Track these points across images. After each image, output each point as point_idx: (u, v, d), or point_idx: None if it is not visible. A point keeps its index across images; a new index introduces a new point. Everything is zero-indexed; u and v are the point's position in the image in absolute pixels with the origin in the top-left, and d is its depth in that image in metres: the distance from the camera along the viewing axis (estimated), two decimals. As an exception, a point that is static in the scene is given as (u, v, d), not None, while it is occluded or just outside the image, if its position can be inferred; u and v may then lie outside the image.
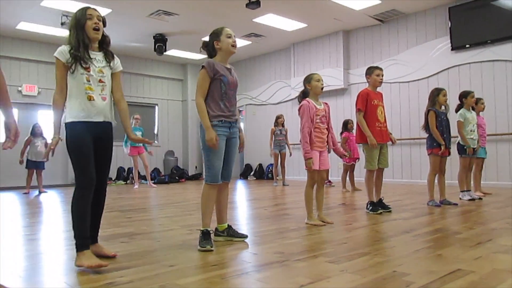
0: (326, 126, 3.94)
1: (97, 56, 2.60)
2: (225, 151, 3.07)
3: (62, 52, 2.48)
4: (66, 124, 2.51)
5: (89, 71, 2.51)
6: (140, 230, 3.70)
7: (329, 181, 8.68)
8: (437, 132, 5.04)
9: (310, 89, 3.91)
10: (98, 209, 2.66)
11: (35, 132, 8.29)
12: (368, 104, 4.59)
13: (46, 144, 8.33)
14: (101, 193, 2.64)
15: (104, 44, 2.66)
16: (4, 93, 2.00)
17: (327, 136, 3.95)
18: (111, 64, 2.67)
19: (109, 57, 2.66)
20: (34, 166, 8.27)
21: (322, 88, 3.92)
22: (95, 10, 2.59)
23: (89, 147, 2.49)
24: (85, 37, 2.52)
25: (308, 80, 3.93)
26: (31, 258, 2.81)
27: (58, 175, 10.43)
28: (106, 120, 2.59)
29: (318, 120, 3.84)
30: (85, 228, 2.43)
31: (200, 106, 2.99)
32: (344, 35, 10.13)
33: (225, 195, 3.24)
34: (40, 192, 8.15)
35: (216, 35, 3.12)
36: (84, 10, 2.55)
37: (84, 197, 2.44)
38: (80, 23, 2.52)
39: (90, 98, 2.50)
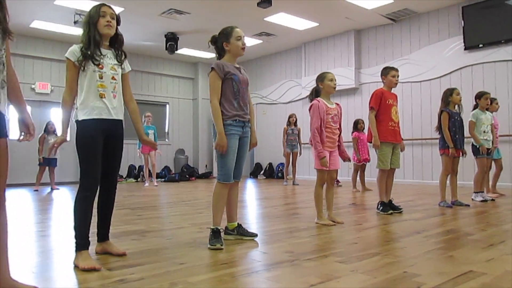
0: (338, 126, 3.92)
1: (108, 54, 2.59)
2: (237, 150, 3.07)
3: (73, 52, 2.48)
4: (76, 121, 2.51)
5: (102, 68, 2.51)
6: (151, 227, 3.72)
7: (337, 181, 8.65)
8: (448, 133, 4.99)
9: (323, 88, 3.89)
10: (109, 207, 2.68)
11: (48, 130, 8.39)
12: (382, 103, 4.56)
13: None
14: (111, 191, 2.66)
15: (116, 43, 2.65)
16: (18, 91, 2.03)
17: (338, 136, 3.93)
18: (123, 65, 2.67)
19: (120, 56, 2.65)
20: (47, 163, 8.36)
21: (334, 88, 3.89)
22: (110, 7, 2.58)
23: (98, 148, 2.48)
24: (96, 34, 2.51)
25: (321, 78, 3.91)
26: (43, 254, 2.84)
27: (70, 172, 10.54)
28: (117, 117, 2.59)
29: (329, 120, 3.81)
30: (86, 229, 2.43)
31: (216, 109, 2.96)
32: (355, 34, 10.08)
33: (235, 193, 3.25)
34: (52, 189, 8.25)
35: (225, 36, 3.07)
36: (98, 7, 2.54)
37: (87, 198, 2.44)
38: (92, 20, 2.52)
39: (102, 96, 2.50)
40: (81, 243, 2.41)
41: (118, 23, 2.61)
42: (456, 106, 5.20)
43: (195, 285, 2.04)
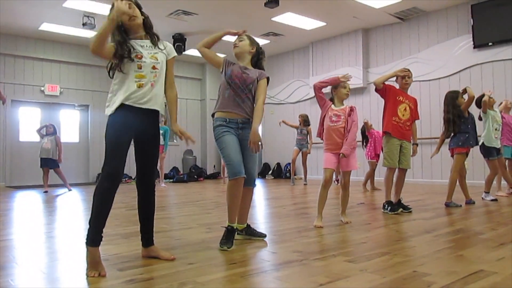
0: (338, 127, 3.78)
1: (146, 44, 2.51)
2: (243, 156, 3.03)
3: (111, 47, 2.40)
4: (109, 116, 2.41)
5: (140, 58, 2.43)
6: (160, 228, 3.73)
7: (338, 180, 8.64)
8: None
9: (335, 94, 3.91)
10: (149, 209, 2.59)
11: (47, 132, 8.13)
12: (391, 95, 4.55)
13: (57, 141, 8.14)
14: (150, 193, 2.57)
15: (146, 28, 2.56)
16: None
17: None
18: (164, 51, 2.57)
19: (155, 41, 2.55)
20: (44, 164, 8.06)
21: (347, 94, 3.88)
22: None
23: (125, 140, 2.38)
24: (116, 34, 2.43)
25: (335, 86, 3.92)
26: (53, 254, 2.87)
27: (80, 173, 10.63)
28: (154, 107, 2.48)
29: (328, 119, 3.82)
30: (100, 224, 2.32)
31: (202, 46, 3.27)
32: (363, 33, 10.04)
33: (249, 200, 3.20)
34: (69, 189, 8.13)
35: None
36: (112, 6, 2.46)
37: (106, 190, 2.31)
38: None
39: (140, 86, 2.41)
40: (91, 238, 2.29)
41: (139, 8, 2.54)
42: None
43: (204, 285, 2.05)
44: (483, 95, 5.60)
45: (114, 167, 2.33)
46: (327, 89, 3.96)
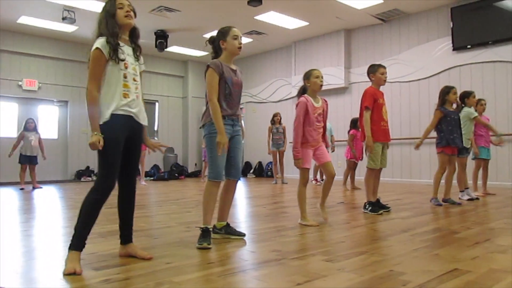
0: (322, 125, 3.89)
1: (128, 51, 2.49)
2: (230, 149, 3.08)
3: (103, 44, 2.33)
4: (102, 124, 2.34)
5: (126, 68, 2.42)
6: (138, 227, 3.67)
7: (316, 179, 8.71)
8: (428, 131, 5.11)
9: (309, 85, 3.88)
10: (130, 207, 2.60)
11: (28, 127, 8.18)
12: (375, 103, 4.52)
13: (39, 139, 8.26)
14: (132, 191, 2.59)
15: (134, 37, 2.55)
16: None
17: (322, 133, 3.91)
18: (140, 61, 2.58)
19: (137, 52, 2.55)
20: (28, 161, 8.16)
21: (321, 85, 3.87)
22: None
23: (120, 150, 2.38)
24: (115, 26, 2.40)
25: (307, 76, 3.89)
26: (28, 254, 2.81)
27: (58, 170, 10.44)
28: (142, 122, 2.52)
29: (314, 119, 3.80)
30: (86, 232, 2.34)
31: (215, 107, 2.95)
32: (345, 34, 10.11)
33: (232, 193, 3.24)
34: (34, 188, 8.09)
35: (223, 34, 3.10)
36: (113, 1, 2.44)
37: (98, 202, 2.34)
38: (109, 13, 2.41)
39: (125, 96, 2.41)
40: (77, 244, 2.29)
41: (135, 15, 2.51)
42: (454, 104, 5.23)
43: (181, 285, 2.03)
44: (467, 92, 5.72)
45: (111, 183, 2.37)
46: (301, 83, 3.92)
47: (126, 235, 2.59)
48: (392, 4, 8.43)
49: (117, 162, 2.38)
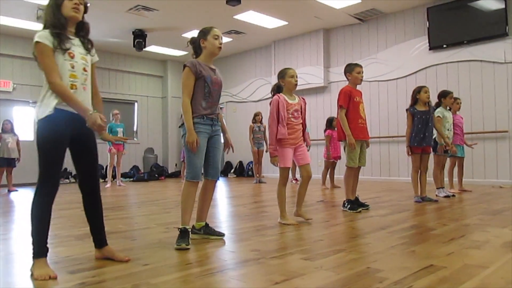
0: (300, 122, 3.87)
1: (76, 42, 2.38)
2: (209, 149, 3.08)
3: (45, 36, 2.25)
4: (39, 120, 2.26)
5: (73, 57, 2.32)
6: (116, 228, 3.64)
7: (296, 179, 8.75)
8: (408, 133, 5.14)
9: (284, 84, 3.88)
10: (96, 210, 2.49)
11: (4, 129, 8.04)
12: (351, 101, 4.57)
13: (17, 141, 8.13)
14: (96, 192, 2.47)
15: (82, 31, 2.44)
16: None
17: (303, 132, 3.91)
18: (91, 53, 2.48)
19: (87, 44, 2.45)
20: (6, 163, 8.01)
21: (295, 85, 3.87)
22: None
23: (63, 149, 2.27)
24: (61, 17, 2.31)
25: (282, 75, 3.90)
26: (3, 258, 2.74)
27: (35, 172, 10.18)
28: None
29: (289, 115, 3.79)
30: (44, 235, 2.25)
31: (186, 106, 2.96)
32: (324, 33, 10.18)
33: (210, 193, 3.22)
34: (9, 191, 7.91)
35: (204, 33, 3.11)
36: None
37: (45, 204, 2.25)
38: (57, 3, 2.32)
39: (72, 87, 2.29)
40: (39, 251, 2.22)
41: (85, 10, 2.42)
42: (427, 104, 5.30)
43: (158, 286, 2.01)
44: (445, 91, 5.83)
45: (55, 182, 2.26)
46: (271, 78, 3.93)
47: (99, 239, 2.52)
48: (369, 4, 8.52)
49: (58, 160, 2.26)
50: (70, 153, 2.41)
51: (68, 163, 2.36)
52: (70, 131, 2.30)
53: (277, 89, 3.93)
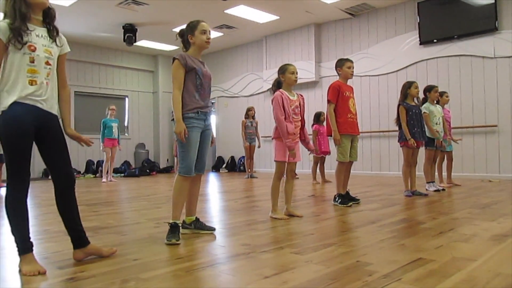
0: (300, 118, 3.88)
1: (41, 32, 2.23)
2: (200, 144, 3.06)
3: (2, 29, 2.11)
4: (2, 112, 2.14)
5: (34, 51, 2.17)
6: (106, 224, 3.63)
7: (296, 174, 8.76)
8: (406, 127, 5.13)
9: (284, 80, 3.88)
10: (73, 204, 2.38)
11: None
12: (340, 95, 4.56)
13: None
14: (68, 188, 2.34)
15: (47, 18, 2.28)
16: None
17: (300, 129, 3.91)
18: (58, 43, 2.31)
19: (53, 33, 2.28)
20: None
21: (295, 81, 3.87)
22: None
23: (28, 141, 2.16)
24: (22, 4, 2.14)
25: (282, 70, 3.88)
26: (-10, 253, 2.72)
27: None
28: (49, 110, 2.26)
29: (291, 112, 3.80)
30: (25, 231, 2.20)
31: (176, 98, 2.94)
32: (316, 28, 10.18)
33: (197, 187, 3.23)
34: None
35: (191, 29, 3.07)
36: None
37: (18, 200, 2.19)
38: None
39: (32, 83, 2.16)
40: (23, 247, 2.18)
41: None
42: (415, 99, 5.34)
43: (148, 281, 2.00)
44: (430, 86, 5.87)
45: (25, 177, 2.19)
46: (272, 77, 3.92)
47: (79, 237, 2.38)
48: (360, -2, 8.54)
49: (24, 157, 2.16)
50: (37, 148, 2.31)
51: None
52: (33, 124, 2.19)
53: (277, 85, 3.92)
